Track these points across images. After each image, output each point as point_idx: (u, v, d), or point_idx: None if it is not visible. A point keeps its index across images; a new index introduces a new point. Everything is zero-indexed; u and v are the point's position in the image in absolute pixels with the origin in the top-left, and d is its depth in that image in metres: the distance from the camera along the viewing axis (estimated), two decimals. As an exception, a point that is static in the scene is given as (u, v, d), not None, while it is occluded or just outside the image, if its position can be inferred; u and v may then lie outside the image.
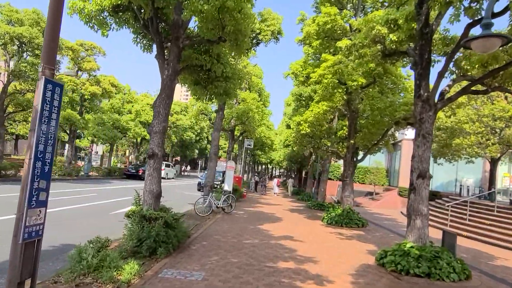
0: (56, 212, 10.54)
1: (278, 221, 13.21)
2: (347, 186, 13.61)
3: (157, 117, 7.37)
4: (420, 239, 7.13)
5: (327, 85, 11.69)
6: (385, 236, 11.82)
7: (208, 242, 8.16)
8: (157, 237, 6.55)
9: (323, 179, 20.49)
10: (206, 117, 21.62)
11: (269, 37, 14.81)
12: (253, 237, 9.39)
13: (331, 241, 9.98)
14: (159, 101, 7.41)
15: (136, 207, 7.35)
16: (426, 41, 7.44)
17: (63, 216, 10.06)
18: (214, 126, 14.45)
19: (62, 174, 24.18)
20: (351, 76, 11.45)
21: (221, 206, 13.73)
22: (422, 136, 7.32)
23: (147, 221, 6.84)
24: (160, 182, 7.33)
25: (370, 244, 10.00)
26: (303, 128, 13.57)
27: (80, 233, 8.28)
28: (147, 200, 7.17)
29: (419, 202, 7.20)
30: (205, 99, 9.31)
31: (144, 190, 7.24)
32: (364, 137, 12.93)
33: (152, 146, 7.28)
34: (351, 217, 13.18)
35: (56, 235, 7.86)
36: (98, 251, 5.33)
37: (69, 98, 24.68)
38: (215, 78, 8.67)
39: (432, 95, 7.38)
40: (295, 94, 19.52)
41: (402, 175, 32.63)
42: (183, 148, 53.74)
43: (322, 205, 19.69)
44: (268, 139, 30.38)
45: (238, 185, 21.07)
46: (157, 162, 7.28)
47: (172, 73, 7.48)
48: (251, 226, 11.20)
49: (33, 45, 17.78)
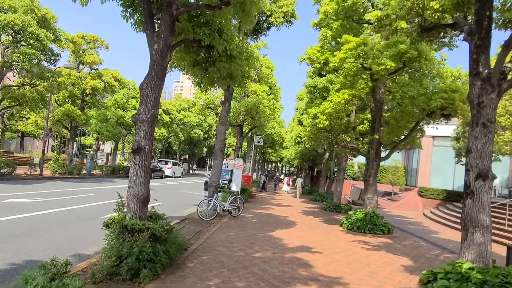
0: (39, 216, 9.19)
1: (291, 226, 11.67)
2: (370, 187, 11.98)
3: (144, 102, 5.90)
4: (481, 258, 5.50)
5: (349, 70, 10.08)
6: (416, 246, 10.16)
7: (208, 257, 6.67)
8: (141, 255, 5.08)
9: (339, 178, 18.85)
10: (212, 111, 20.17)
11: (281, 19, 13.27)
12: (263, 248, 7.87)
13: (356, 253, 8.39)
14: (147, 82, 5.93)
15: (118, 215, 5.90)
16: (486, 3, 5.79)
17: (44, 221, 8.70)
18: (220, 119, 12.96)
19: (62, 173, 23.04)
20: (378, 59, 9.81)
21: (228, 209, 12.25)
22: (482, 125, 5.68)
23: (129, 233, 5.38)
24: (147, 183, 5.86)
25: (403, 257, 8.37)
26: (320, 121, 11.97)
27: (58, 243, 6.89)
28: (131, 206, 5.71)
29: (479, 210, 5.56)
30: (206, 86, 7.79)
31: (127, 194, 5.78)
32: (390, 131, 11.29)
33: (138, 138, 5.80)
34: (375, 222, 11.55)
35: (26, 246, 6.48)
36: (52, 280, 3.88)
37: (70, 93, 23.49)
38: (217, 58, 7.15)
39: (495, 73, 5.73)
40: (309, 86, 17.91)
41: (421, 174, 30.72)
42: (191, 146, 52.48)
43: (338, 207, 18.08)
44: (279, 136, 28.79)
45: (247, 184, 19.58)
46: (144, 158, 5.81)
47: (164, 47, 5.99)
48: (261, 234, 9.68)
49: (26, 34, 16.55)
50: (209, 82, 7.52)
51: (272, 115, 20.68)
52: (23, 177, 19.40)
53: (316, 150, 26.33)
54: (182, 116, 44.05)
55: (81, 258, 6.15)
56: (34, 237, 7.21)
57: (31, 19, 16.80)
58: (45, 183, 18.05)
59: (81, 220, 9.41)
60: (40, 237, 7.26)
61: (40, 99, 19.80)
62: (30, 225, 8.17)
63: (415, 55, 9.65)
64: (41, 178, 20.38)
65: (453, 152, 28.23)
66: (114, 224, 5.48)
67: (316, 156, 28.78)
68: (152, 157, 54.71)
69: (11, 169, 18.56)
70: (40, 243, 6.80)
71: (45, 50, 17.85)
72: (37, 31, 16.66)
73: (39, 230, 7.76)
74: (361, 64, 10.19)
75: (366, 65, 10.32)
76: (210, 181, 12.55)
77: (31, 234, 7.36)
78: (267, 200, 21.30)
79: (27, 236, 7.21)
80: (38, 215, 9.36)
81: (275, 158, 50.20)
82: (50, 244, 6.84)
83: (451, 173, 29.90)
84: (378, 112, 11.63)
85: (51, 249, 6.42)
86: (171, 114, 39.09)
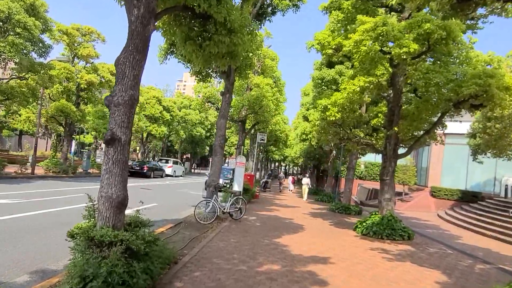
0: (10, 221, 8.02)
1: (299, 231, 10.44)
2: (387, 187, 10.72)
3: (120, 81, 4.69)
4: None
5: (366, 54, 8.82)
6: (443, 255, 8.90)
7: (203, 272, 5.45)
8: (111, 276, 3.88)
9: (349, 178, 17.59)
10: (213, 106, 18.95)
11: (286, 2, 12.01)
12: (269, 259, 6.65)
13: (378, 265, 7.15)
14: (124, 57, 4.73)
15: (88, 222, 4.71)
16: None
17: (15, 226, 7.52)
18: (220, 112, 11.73)
19: (57, 172, 21.94)
20: (400, 41, 8.55)
21: (228, 211, 11.04)
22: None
23: (97, 248, 4.18)
24: (125, 183, 4.65)
25: (433, 270, 7.12)
26: (331, 113, 10.71)
27: (21, 255, 5.71)
28: (102, 212, 4.51)
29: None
30: (202, 65, 6.57)
31: (98, 196, 4.58)
32: (410, 125, 10.03)
33: (112, 126, 4.60)
34: (394, 227, 10.29)
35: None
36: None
37: (64, 88, 22.34)
38: (215, 31, 5.93)
39: None
40: (316, 79, 16.65)
41: (432, 174, 29.34)
42: (193, 144, 51.30)
43: (348, 208, 16.82)
44: (283, 132, 27.52)
45: (250, 184, 18.36)
46: (120, 151, 4.60)
47: (145, 12, 4.79)
48: (266, 240, 8.46)
49: (13, 22, 15.41)
50: (205, 62, 6.28)
51: (276, 110, 19.43)
52: (13, 176, 18.31)
53: (322, 148, 25.05)
54: (183, 114, 42.90)
55: (44, 275, 4.98)
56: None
57: (19, 6, 15.67)
58: (35, 183, 16.94)
59: (61, 225, 8.22)
60: (2, 246, 6.07)
61: (31, 94, 18.68)
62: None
63: (443, 35, 8.38)
64: (32, 177, 19.27)
65: (466, 151, 26.92)
66: (80, 235, 4.29)
67: (322, 155, 27.49)
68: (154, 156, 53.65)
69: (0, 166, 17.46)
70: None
71: (34, 41, 16.73)
72: (25, 19, 15.53)
73: (3, 237, 6.58)
74: (380, 47, 8.93)
75: (385, 48, 9.07)
76: (209, 180, 11.35)
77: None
78: (271, 201, 20.08)
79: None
80: (10, 219, 8.19)
81: (278, 156, 48.94)
82: (12, 255, 5.65)
83: (463, 173, 28.51)
84: (397, 103, 10.36)
85: (9, 263, 5.24)
86: (171, 111, 37.94)
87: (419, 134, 11.50)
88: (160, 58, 12.05)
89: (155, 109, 33.36)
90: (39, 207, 10.05)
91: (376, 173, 34.42)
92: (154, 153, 55.90)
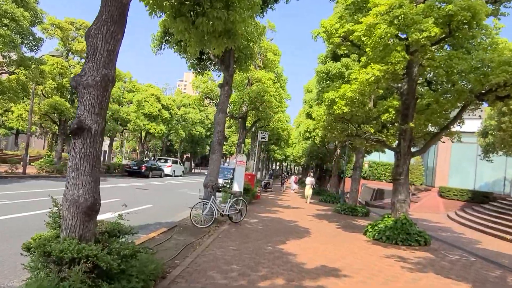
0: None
1: (305, 236, 9.54)
2: (401, 187, 9.81)
3: (91, 58, 3.80)
4: None
5: (380, 40, 7.91)
6: (467, 263, 7.98)
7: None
8: (70, 305, 2.99)
9: (355, 177, 16.67)
10: (212, 102, 18.05)
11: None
12: (273, 271, 5.75)
13: (398, 277, 6.23)
14: (96, 28, 3.84)
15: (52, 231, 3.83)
16: None
17: (-15, 233, 6.64)
18: (218, 106, 10.82)
19: (50, 171, 21.07)
20: (418, 25, 7.64)
21: (228, 214, 10.14)
22: None
23: (56, 265, 3.29)
24: (96, 183, 3.76)
25: (462, 284, 6.20)
26: (339, 106, 9.81)
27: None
28: (67, 220, 3.61)
29: None
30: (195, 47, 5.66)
31: (62, 199, 3.69)
32: (428, 119, 9.11)
33: (81, 112, 3.71)
34: (409, 231, 9.38)
35: None
36: None
37: (57, 84, 21.47)
38: (210, 5, 5.03)
39: None
40: (320, 73, 15.74)
41: (439, 173, 28.41)
42: (193, 144, 50.36)
43: (354, 209, 15.92)
44: (285, 130, 26.59)
45: (251, 184, 17.46)
46: (90, 144, 3.70)
47: (122, -26, 3.90)
48: (269, 247, 7.56)
49: (0, 12, 14.54)
50: (199, 42, 5.38)
51: (279, 107, 18.52)
52: (3, 175, 17.45)
53: (326, 146, 24.13)
54: (182, 112, 41.98)
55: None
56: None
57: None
58: (25, 182, 16.08)
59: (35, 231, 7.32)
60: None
61: (21, 89, 17.82)
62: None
63: (468, 17, 7.46)
64: (23, 176, 18.43)
65: (474, 149, 25.99)
66: (35, 248, 3.40)
67: (326, 153, 26.57)
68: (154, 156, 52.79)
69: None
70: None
71: (24, 33, 15.86)
72: (12, 9, 14.66)
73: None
74: (396, 31, 8.02)
75: (401, 32, 8.16)
76: (206, 180, 10.45)
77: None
78: (273, 201, 19.17)
79: None
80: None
81: (280, 156, 48.00)
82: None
83: (472, 172, 27.58)
84: (413, 95, 9.44)
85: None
86: (171, 110, 37.02)
87: (431, 130, 10.62)
88: (154, 49, 11.17)
89: (153, 107, 32.44)
90: (23, 209, 9.15)
91: (380, 172, 33.51)
92: (154, 152, 55.04)
